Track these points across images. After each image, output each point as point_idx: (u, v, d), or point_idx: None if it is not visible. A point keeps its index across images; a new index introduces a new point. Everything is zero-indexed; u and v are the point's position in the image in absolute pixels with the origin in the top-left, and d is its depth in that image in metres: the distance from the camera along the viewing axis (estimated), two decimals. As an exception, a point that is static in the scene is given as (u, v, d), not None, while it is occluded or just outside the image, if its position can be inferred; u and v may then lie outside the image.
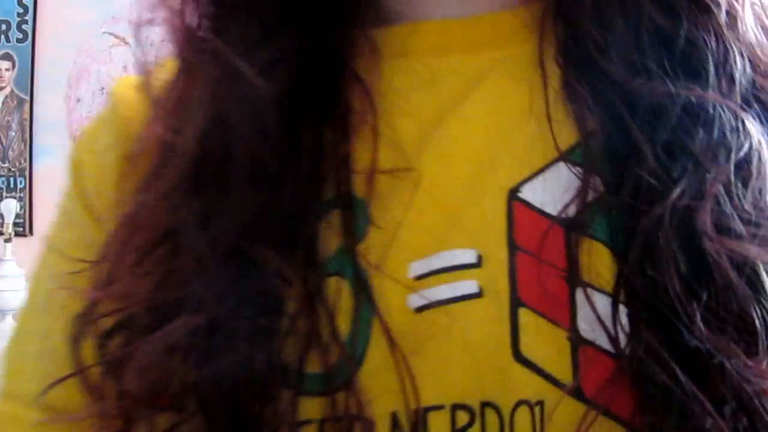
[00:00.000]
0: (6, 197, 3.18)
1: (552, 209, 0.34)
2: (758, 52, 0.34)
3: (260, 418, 0.31)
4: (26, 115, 3.23)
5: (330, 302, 0.33)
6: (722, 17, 0.34)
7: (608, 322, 0.29)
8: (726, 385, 0.24)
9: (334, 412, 0.32)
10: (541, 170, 0.35)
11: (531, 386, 0.31)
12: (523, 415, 0.31)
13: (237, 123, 0.35)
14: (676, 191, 0.28)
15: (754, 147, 0.29)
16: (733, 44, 0.33)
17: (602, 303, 0.30)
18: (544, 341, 0.31)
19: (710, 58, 0.33)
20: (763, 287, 0.25)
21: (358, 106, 0.37)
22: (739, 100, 0.32)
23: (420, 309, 0.34)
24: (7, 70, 3.23)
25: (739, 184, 0.28)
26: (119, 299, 0.34)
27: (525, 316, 0.32)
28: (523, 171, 0.35)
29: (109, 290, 0.35)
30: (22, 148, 3.22)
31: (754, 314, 0.25)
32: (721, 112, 0.30)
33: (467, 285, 0.33)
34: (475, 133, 0.37)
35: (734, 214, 0.27)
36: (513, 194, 0.35)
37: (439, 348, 0.33)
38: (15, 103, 3.22)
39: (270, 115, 0.36)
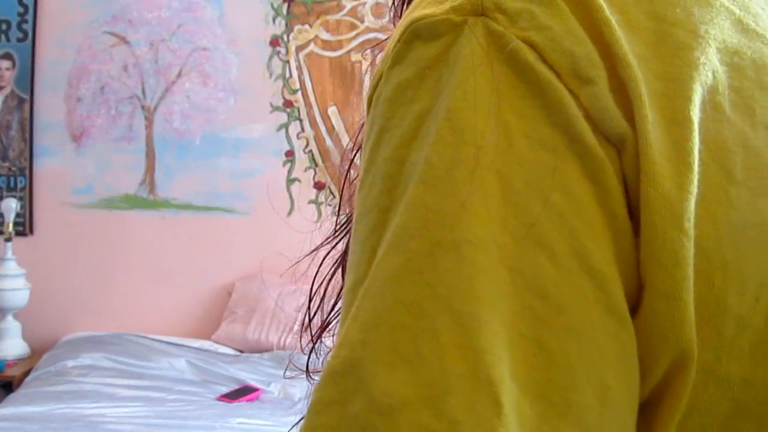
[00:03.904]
0: (6, 197, 3.18)
1: None
2: None
3: None
4: (26, 115, 3.24)
5: None
6: None
7: None
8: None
9: None
10: None
11: None
12: None
13: None
14: None
15: None
16: None
17: None
18: None
19: None
20: None
21: None
22: None
23: None
24: (7, 69, 3.24)
25: None
26: None
27: None
28: None
29: None
30: (22, 147, 3.22)
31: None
32: None
33: None
34: None
35: None
36: None
37: None
38: (15, 102, 3.23)
39: None
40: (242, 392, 2.56)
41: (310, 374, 0.50)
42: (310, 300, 0.49)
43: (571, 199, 0.29)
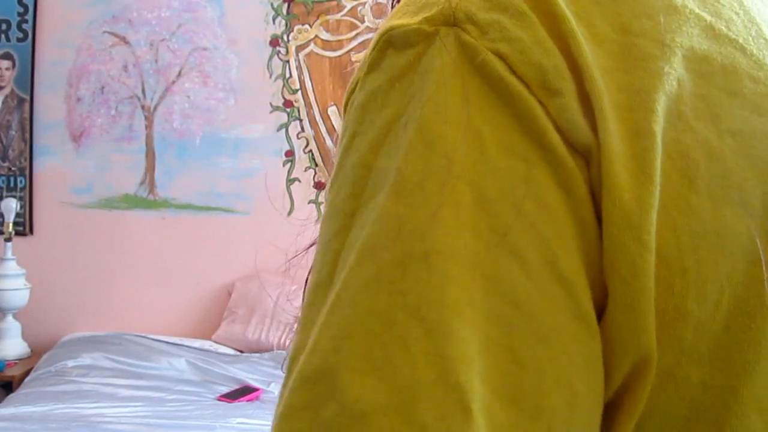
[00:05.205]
0: (6, 197, 3.18)
1: None
2: None
3: None
4: (26, 115, 3.24)
5: None
6: None
7: None
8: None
9: None
10: None
11: None
12: None
13: None
14: None
15: None
16: None
17: None
18: None
19: None
20: None
21: None
22: None
23: None
24: (7, 69, 3.24)
25: None
26: None
27: None
28: None
29: None
30: (22, 147, 3.22)
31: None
32: None
33: None
34: None
35: None
36: None
37: None
38: (15, 102, 3.23)
39: None
40: (242, 392, 2.56)
41: None
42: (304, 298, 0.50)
43: (544, 207, 0.29)
